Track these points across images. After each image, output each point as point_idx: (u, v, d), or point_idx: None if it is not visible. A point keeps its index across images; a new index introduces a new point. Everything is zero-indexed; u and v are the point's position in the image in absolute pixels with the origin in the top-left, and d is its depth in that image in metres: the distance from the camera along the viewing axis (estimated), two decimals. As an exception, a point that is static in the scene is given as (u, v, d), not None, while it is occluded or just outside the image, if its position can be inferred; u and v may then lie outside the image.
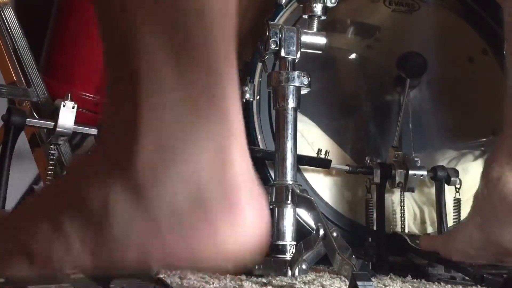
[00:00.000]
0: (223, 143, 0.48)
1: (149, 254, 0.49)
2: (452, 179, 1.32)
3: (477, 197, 1.06)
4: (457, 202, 1.33)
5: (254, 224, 0.48)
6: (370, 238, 1.25)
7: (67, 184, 0.55)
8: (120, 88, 0.50)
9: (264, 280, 0.97)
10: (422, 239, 1.22)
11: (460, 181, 1.33)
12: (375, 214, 1.30)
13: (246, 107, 1.33)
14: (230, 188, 0.48)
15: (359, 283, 0.77)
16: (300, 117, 1.16)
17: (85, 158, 0.55)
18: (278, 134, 1.09)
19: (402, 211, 1.34)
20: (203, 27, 0.47)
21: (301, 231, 1.10)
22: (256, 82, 1.31)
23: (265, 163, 1.30)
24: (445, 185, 1.33)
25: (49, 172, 1.11)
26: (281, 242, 1.05)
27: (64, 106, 1.10)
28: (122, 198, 0.49)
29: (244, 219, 0.48)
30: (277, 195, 1.05)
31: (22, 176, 1.43)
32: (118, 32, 0.49)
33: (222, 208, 0.47)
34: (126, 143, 0.49)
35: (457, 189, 1.32)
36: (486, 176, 1.03)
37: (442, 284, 1.07)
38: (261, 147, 1.31)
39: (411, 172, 1.31)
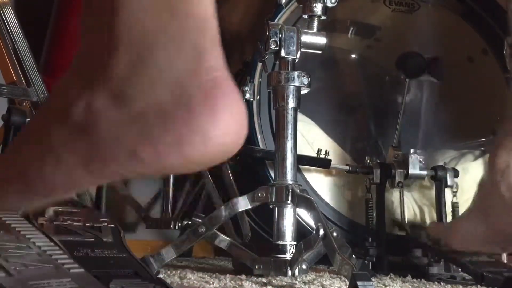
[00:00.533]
0: (199, 41, 0.49)
1: (140, 155, 0.50)
2: (449, 182, 1.31)
3: (483, 184, 1.05)
4: (455, 206, 1.32)
5: (232, 117, 0.50)
6: (370, 238, 1.25)
7: (51, 104, 0.56)
8: None
9: (264, 280, 0.97)
10: (431, 224, 1.22)
11: (457, 184, 1.32)
12: (375, 214, 1.30)
13: (246, 107, 1.33)
14: (208, 85, 0.49)
15: (359, 283, 0.77)
16: (300, 116, 1.16)
17: (66, 75, 0.55)
18: (278, 134, 1.09)
19: (402, 211, 1.34)
20: None
21: (301, 231, 1.10)
22: (256, 82, 1.31)
23: (265, 163, 1.30)
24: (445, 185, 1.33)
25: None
26: (281, 242, 1.05)
27: (64, 106, 1.10)
28: (106, 104, 0.50)
29: (224, 113, 0.49)
30: (277, 195, 1.05)
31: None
32: None
33: (203, 104, 0.49)
34: (104, 48, 0.50)
35: (454, 193, 1.32)
36: (492, 163, 1.02)
37: (442, 284, 1.07)
38: (261, 147, 1.31)
39: (411, 172, 1.31)
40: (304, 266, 1.01)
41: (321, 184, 1.37)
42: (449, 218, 1.33)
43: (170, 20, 0.49)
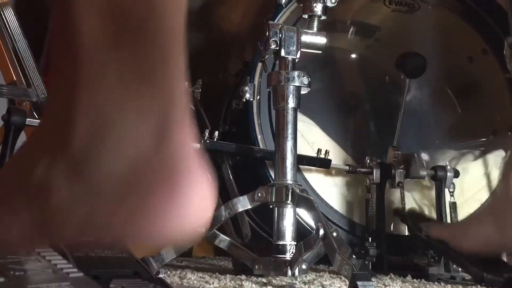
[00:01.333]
0: (164, 114, 0.47)
1: (89, 231, 0.49)
2: (447, 183, 1.31)
3: (495, 196, 1.06)
4: (453, 206, 1.32)
5: (193, 200, 0.47)
6: (370, 238, 1.25)
7: (16, 163, 0.55)
8: (61, 62, 0.50)
9: (264, 280, 0.97)
10: (432, 226, 1.21)
11: (454, 185, 1.32)
12: (375, 214, 1.30)
13: (246, 107, 1.33)
14: (169, 167, 0.47)
15: (359, 283, 0.77)
16: (300, 116, 1.16)
17: (33, 135, 0.55)
18: (278, 134, 1.09)
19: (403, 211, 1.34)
20: (146, 2, 0.47)
21: (301, 231, 1.10)
22: (256, 82, 1.31)
23: (265, 163, 1.30)
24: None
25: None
26: (281, 242, 1.05)
27: (64, 106, 1.10)
28: (62, 175, 0.48)
29: (183, 197, 0.47)
30: (277, 195, 1.05)
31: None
32: (60, 5, 0.49)
33: (160, 187, 0.47)
34: (65, 120, 0.48)
35: (451, 193, 1.32)
36: (505, 177, 1.02)
37: (442, 284, 1.07)
38: (261, 147, 1.31)
39: (411, 172, 1.31)
40: (304, 266, 1.01)
41: (321, 184, 1.37)
42: (448, 218, 1.33)
43: (134, 91, 0.47)
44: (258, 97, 1.32)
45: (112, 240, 0.49)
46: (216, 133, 1.25)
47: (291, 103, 1.07)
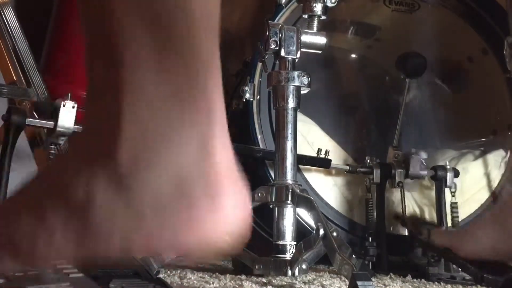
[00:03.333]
0: (205, 133, 0.49)
1: (133, 244, 0.49)
2: (449, 182, 1.31)
3: (502, 196, 1.05)
4: (454, 206, 1.32)
5: (235, 214, 0.49)
6: (370, 238, 1.25)
7: (51, 174, 0.55)
8: (103, 80, 0.50)
9: (264, 280, 0.97)
10: (435, 233, 1.21)
11: (456, 185, 1.32)
12: (375, 214, 1.30)
13: (246, 107, 1.33)
14: (212, 179, 0.48)
15: (359, 282, 0.77)
16: (300, 116, 1.16)
17: (69, 149, 0.55)
18: (278, 134, 1.09)
19: (402, 210, 1.34)
20: (186, 21, 0.48)
21: (301, 231, 1.10)
22: (256, 82, 1.31)
23: (265, 162, 1.30)
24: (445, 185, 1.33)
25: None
26: (281, 242, 1.05)
27: (64, 105, 1.10)
28: (105, 188, 0.49)
29: (226, 210, 0.48)
30: (277, 194, 1.05)
31: (22, 176, 1.42)
32: (100, 25, 0.49)
33: (204, 198, 0.48)
34: (109, 133, 0.49)
35: (452, 193, 1.32)
36: (509, 182, 1.01)
37: (442, 284, 1.07)
38: (261, 146, 1.31)
39: (411, 172, 1.31)
40: (304, 266, 1.01)
41: (321, 184, 1.37)
42: (449, 218, 1.33)
43: (176, 111, 0.48)
44: (258, 97, 1.32)
45: (155, 254, 0.50)
46: (216, 133, 1.25)
47: (291, 103, 1.07)
